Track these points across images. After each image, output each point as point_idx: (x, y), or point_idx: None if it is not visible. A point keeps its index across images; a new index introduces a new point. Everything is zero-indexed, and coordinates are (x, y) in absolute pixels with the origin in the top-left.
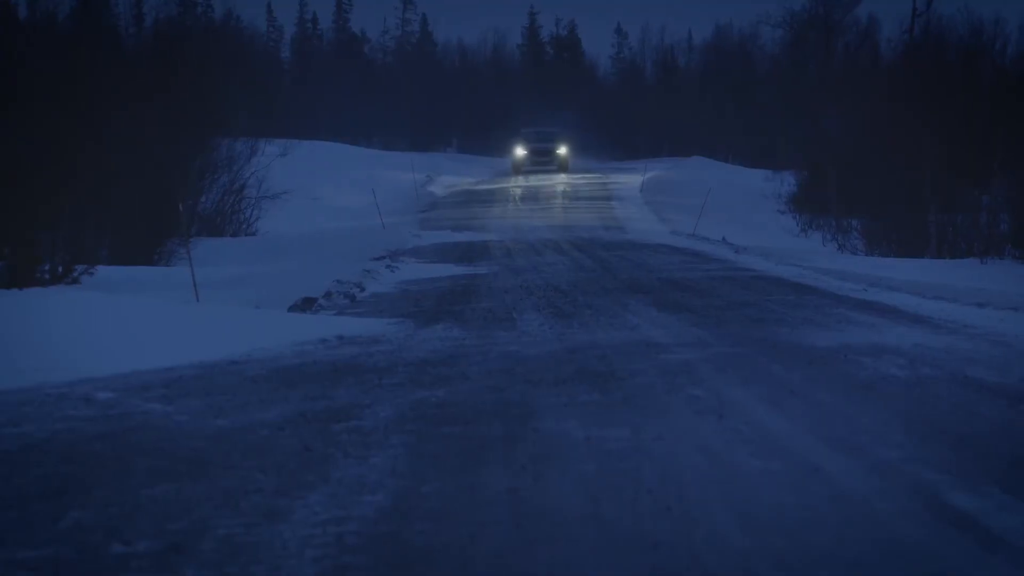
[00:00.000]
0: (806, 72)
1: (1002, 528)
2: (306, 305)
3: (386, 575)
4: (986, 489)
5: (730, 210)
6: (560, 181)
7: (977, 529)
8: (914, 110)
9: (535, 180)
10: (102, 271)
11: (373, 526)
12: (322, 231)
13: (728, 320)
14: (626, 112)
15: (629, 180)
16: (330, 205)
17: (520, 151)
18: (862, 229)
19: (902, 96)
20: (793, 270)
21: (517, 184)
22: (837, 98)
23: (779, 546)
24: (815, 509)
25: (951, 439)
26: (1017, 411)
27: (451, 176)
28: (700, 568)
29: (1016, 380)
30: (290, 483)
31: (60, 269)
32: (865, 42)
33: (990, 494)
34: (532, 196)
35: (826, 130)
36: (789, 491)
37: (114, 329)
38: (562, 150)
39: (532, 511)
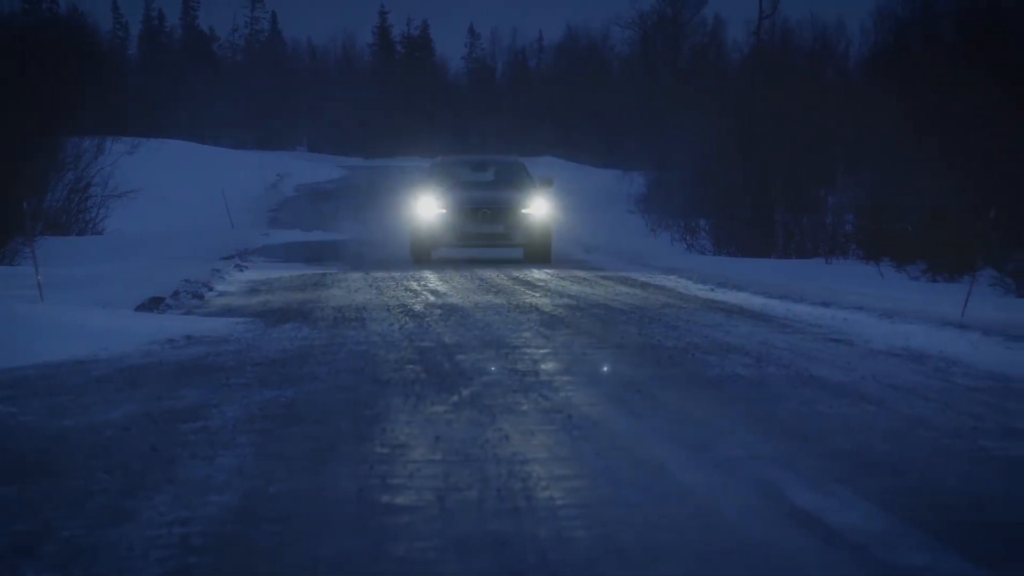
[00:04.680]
0: (656, 73)
1: (842, 525)
2: (153, 305)
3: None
4: (829, 487)
5: (580, 210)
6: None
7: (818, 525)
8: (761, 113)
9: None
10: None
11: (220, 527)
12: (171, 230)
13: (576, 320)
14: (478, 111)
15: None
16: (179, 204)
17: (431, 209)
18: (710, 229)
19: (749, 99)
20: (642, 270)
21: None
22: (685, 99)
23: (624, 543)
24: (659, 507)
25: (796, 437)
26: (860, 409)
27: (302, 176)
28: (547, 566)
29: (858, 379)
30: (136, 484)
31: None
32: (712, 43)
33: (832, 492)
34: None
35: (675, 131)
36: (634, 489)
37: None
38: (535, 209)
39: (381, 511)
